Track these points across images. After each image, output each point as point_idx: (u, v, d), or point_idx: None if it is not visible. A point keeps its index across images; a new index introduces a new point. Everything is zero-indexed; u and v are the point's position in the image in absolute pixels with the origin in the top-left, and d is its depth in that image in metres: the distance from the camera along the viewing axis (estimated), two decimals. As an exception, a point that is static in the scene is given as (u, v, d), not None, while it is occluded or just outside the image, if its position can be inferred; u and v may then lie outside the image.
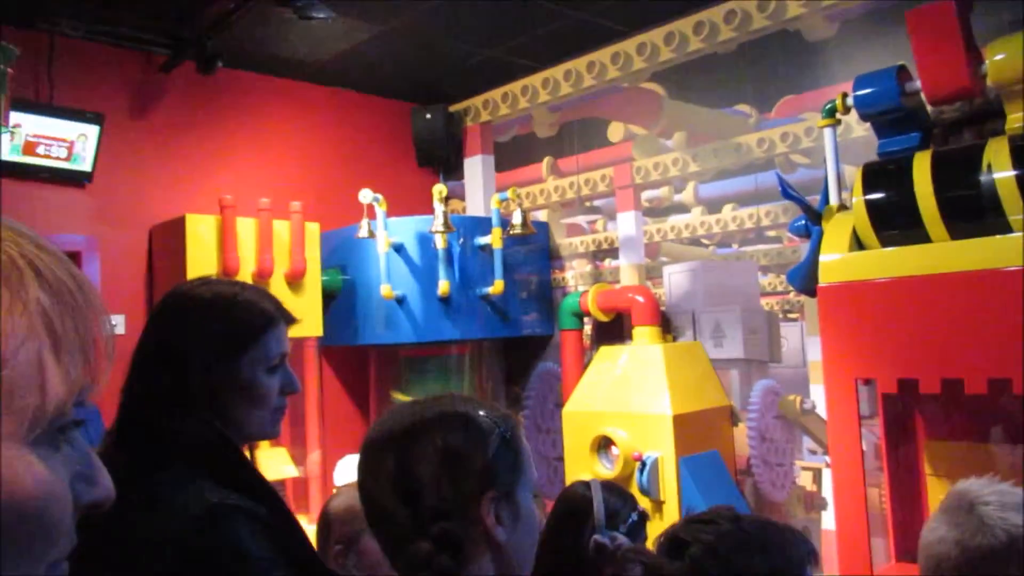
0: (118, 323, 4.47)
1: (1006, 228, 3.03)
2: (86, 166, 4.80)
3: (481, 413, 1.28)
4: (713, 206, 4.94)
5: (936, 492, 3.42)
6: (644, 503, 3.97)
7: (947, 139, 3.65)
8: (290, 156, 5.87)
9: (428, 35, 5.23)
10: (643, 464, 4.04)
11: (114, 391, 1.59)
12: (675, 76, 5.15)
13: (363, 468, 1.31)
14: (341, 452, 4.63)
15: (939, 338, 3.04)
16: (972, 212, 3.11)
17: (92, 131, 4.77)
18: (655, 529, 1.71)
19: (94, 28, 4.79)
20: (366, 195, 4.94)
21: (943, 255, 3.13)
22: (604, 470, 4.19)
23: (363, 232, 4.98)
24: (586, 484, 2.26)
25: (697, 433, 4.18)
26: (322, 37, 5.16)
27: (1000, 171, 3.03)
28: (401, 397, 5.14)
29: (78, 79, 4.84)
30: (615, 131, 5.53)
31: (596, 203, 5.66)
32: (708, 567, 1.42)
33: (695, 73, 5.03)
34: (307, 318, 5.04)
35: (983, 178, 3.07)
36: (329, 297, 5.36)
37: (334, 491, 2.77)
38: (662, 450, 4.07)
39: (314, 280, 5.18)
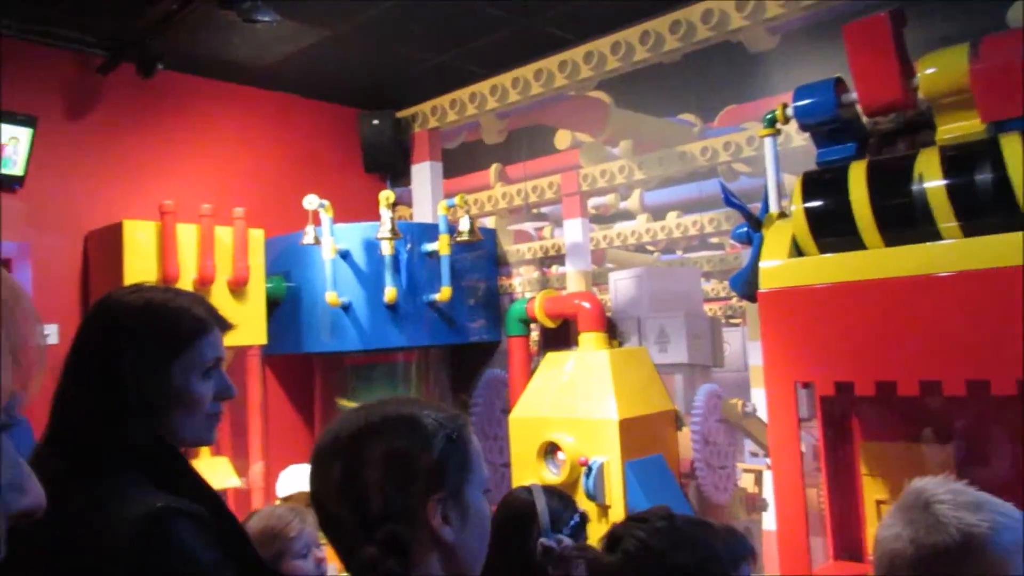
0: (51, 332, 4.33)
1: (937, 235, 3.14)
2: (17, 170, 4.65)
3: (427, 414, 1.29)
4: (658, 213, 5.01)
5: (871, 491, 3.51)
6: (590, 507, 4.01)
7: (882, 149, 3.77)
8: (234, 161, 5.78)
9: (376, 40, 5.21)
10: (589, 469, 4.06)
11: (45, 401, 1.55)
12: (622, 85, 5.22)
13: (313, 475, 1.31)
14: (285, 462, 4.56)
15: (874, 342, 3.12)
16: (905, 220, 3.21)
17: (24, 134, 4.63)
18: (601, 532, 1.74)
19: (28, 27, 4.66)
20: (311, 201, 4.89)
21: (877, 261, 3.22)
22: (551, 475, 4.20)
23: (308, 239, 4.93)
24: (528, 489, 2.30)
25: (642, 437, 4.22)
26: (267, 40, 5.10)
27: (931, 181, 3.14)
28: (347, 405, 5.09)
29: (10, 80, 4.69)
30: (562, 138, 5.57)
31: (543, 210, 5.69)
32: (640, 560, 1.50)
33: (641, 82, 5.10)
34: (250, 326, 4.95)
35: (915, 187, 3.18)
36: (274, 304, 5.28)
37: (254, 513, 2.73)
38: (608, 455, 4.10)
39: (258, 287, 5.10)
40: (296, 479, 4.15)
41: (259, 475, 5.13)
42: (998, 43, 3.19)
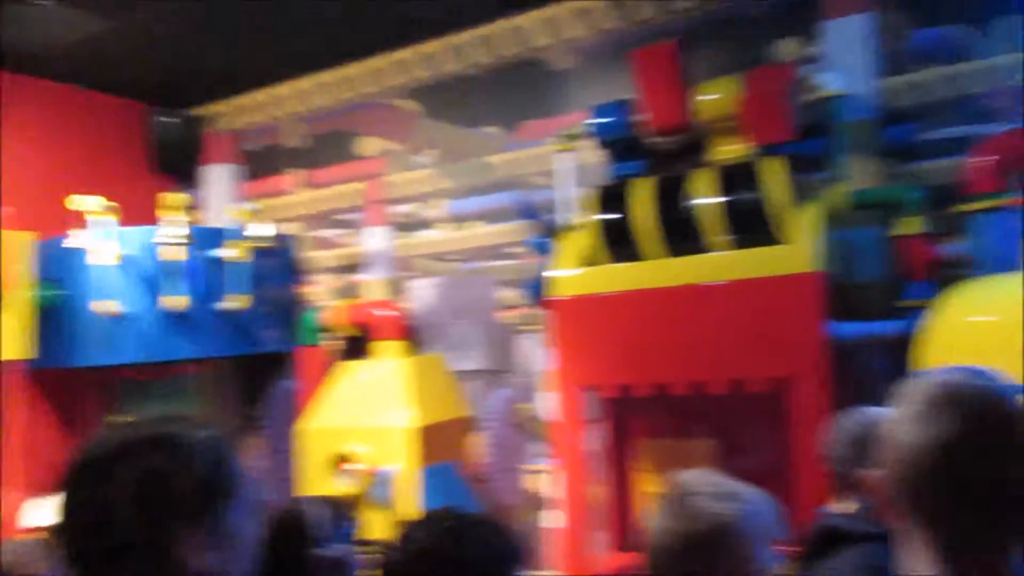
0: None
1: (708, 248, 3.39)
2: None
3: (187, 434, 1.19)
4: (461, 222, 5.07)
5: (646, 485, 3.72)
6: (383, 517, 3.96)
7: (665, 167, 4.03)
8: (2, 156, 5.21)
9: (171, 33, 4.89)
10: (381, 478, 4.02)
11: None
12: (430, 95, 5.24)
13: (60, 503, 1.17)
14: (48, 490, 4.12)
15: (652, 346, 3.32)
16: (683, 234, 3.44)
17: None
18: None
19: None
20: (79, 201, 4.43)
21: (656, 271, 3.43)
22: (343, 486, 4.10)
23: (76, 242, 4.46)
24: (298, 501, 2.28)
25: (439, 444, 4.23)
26: (47, 26, 4.65)
27: (705, 198, 3.39)
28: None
29: None
30: (368, 145, 5.51)
31: (347, 217, 5.59)
32: (425, 560, 1.54)
33: (449, 93, 5.15)
34: (9, 338, 4.48)
35: (691, 204, 3.42)
36: (46, 314, 4.78)
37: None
38: (403, 463, 4.07)
39: (21, 295, 4.61)
40: (47, 508, 3.78)
41: (16, 501, 4.61)
42: (765, 75, 3.50)
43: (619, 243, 3.58)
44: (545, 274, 3.82)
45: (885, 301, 3.43)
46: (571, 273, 3.65)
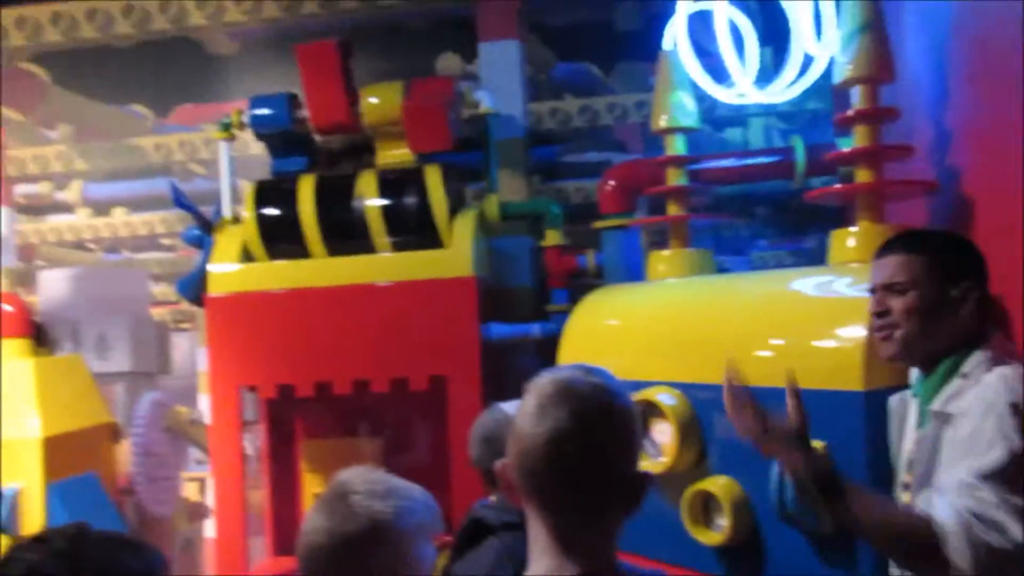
0: None
1: (372, 249, 3.48)
2: None
3: None
4: (102, 208, 4.60)
5: (312, 487, 3.71)
6: (5, 541, 3.47)
7: (331, 166, 4.04)
8: None
9: None
10: (2, 498, 3.52)
11: None
12: (63, 62, 4.66)
13: None
14: None
15: (314, 346, 3.32)
16: (346, 233, 3.48)
17: None
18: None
19: None
20: None
21: (320, 270, 3.44)
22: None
23: None
24: None
25: (73, 455, 3.80)
26: None
27: (369, 200, 3.47)
28: None
29: None
30: (-17, 112, 4.76)
31: (-46, 193, 4.77)
32: None
33: (87, 63, 4.63)
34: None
35: (355, 204, 3.47)
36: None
37: None
38: (27, 479, 3.60)
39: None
40: None
41: None
42: (426, 86, 3.67)
43: (280, 240, 3.52)
44: (201, 269, 3.63)
45: (534, 305, 3.82)
46: (229, 269, 3.51)
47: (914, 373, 1.79)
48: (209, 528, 4.20)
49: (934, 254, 1.68)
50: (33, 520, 3.59)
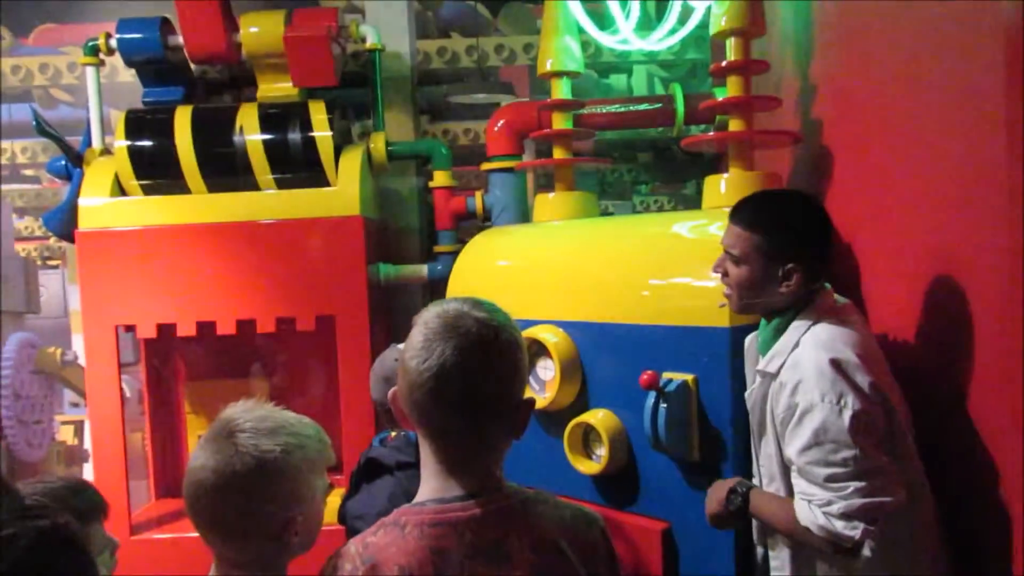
0: None
1: (255, 185, 3.39)
2: None
3: None
4: (-46, 136, 4.26)
5: (195, 429, 3.66)
6: None
7: (210, 98, 3.87)
8: None
9: None
10: None
11: None
12: (-100, -29, 4.23)
13: None
14: None
15: (195, 284, 3.24)
16: (226, 168, 3.37)
17: None
18: None
19: None
20: None
21: (200, 207, 3.33)
22: None
23: None
24: None
25: (-68, 399, 3.61)
26: None
27: (251, 134, 3.36)
28: None
29: None
30: None
31: None
32: None
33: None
34: None
35: (236, 139, 3.36)
36: None
37: None
38: None
39: None
40: None
41: None
42: (310, 16, 3.53)
43: (155, 174, 3.37)
44: (70, 202, 3.45)
45: (421, 246, 3.84)
46: (101, 203, 3.35)
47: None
48: (88, 472, 4.08)
49: (767, 233, 1.77)
50: None
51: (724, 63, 2.42)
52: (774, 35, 2.72)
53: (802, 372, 1.67)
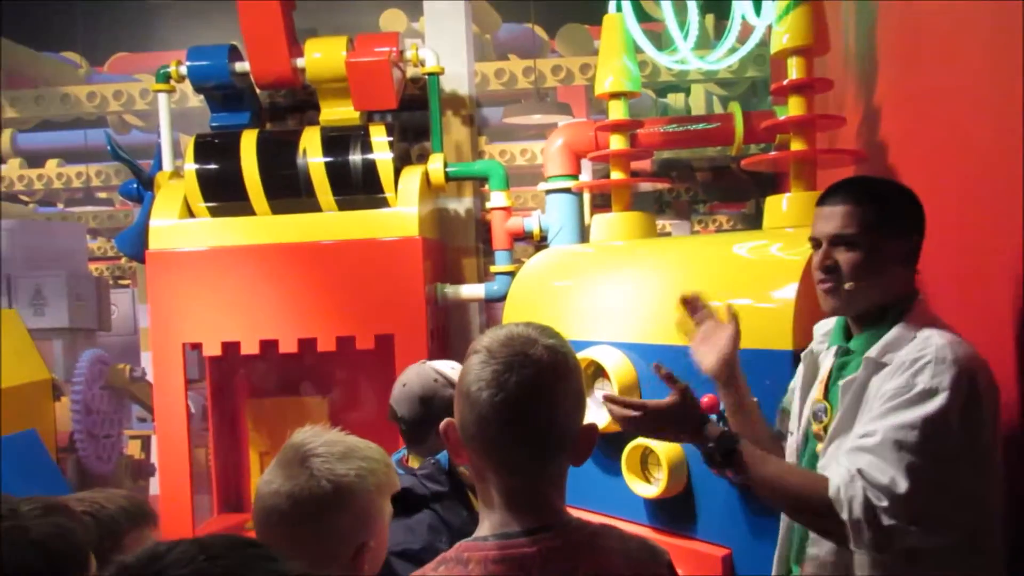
0: None
1: (317, 207, 3.46)
2: None
3: None
4: (35, 159, 4.46)
5: (256, 445, 3.74)
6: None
7: (275, 122, 3.98)
8: None
9: None
10: (-62, 455, 3.46)
11: None
12: (-12, 6, 4.46)
13: None
14: None
15: (259, 303, 3.32)
16: (290, 190, 3.46)
17: None
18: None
19: None
20: None
21: (264, 228, 3.42)
22: None
23: None
24: None
25: (10, 412, 3.74)
26: None
27: (313, 157, 3.44)
28: None
29: None
30: (-97, 56, 4.54)
31: None
32: None
33: (15, 6, 4.44)
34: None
35: (300, 161, 3.44)
36: None
37: None
38: (-37, 436, 3.54)
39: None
40: None
41: None
42: (371, 41, 3.61)
43: (222, 196, 3.48)
44: (141, 224, 3.57)
45: (478, 265, 3.87)
46: (170, 224, 3.46)
47: (822, 325, 1.82)
48: (154, 486, 4.20)
49: (884, 204, 1.60)
50: (-30, 478, 3.54)
51: (786, 82, 2.39)
52: (835, 51, 2.68)
53: (934, 354, 1.47)
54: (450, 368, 2.12)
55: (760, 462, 1.56)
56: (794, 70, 2.37)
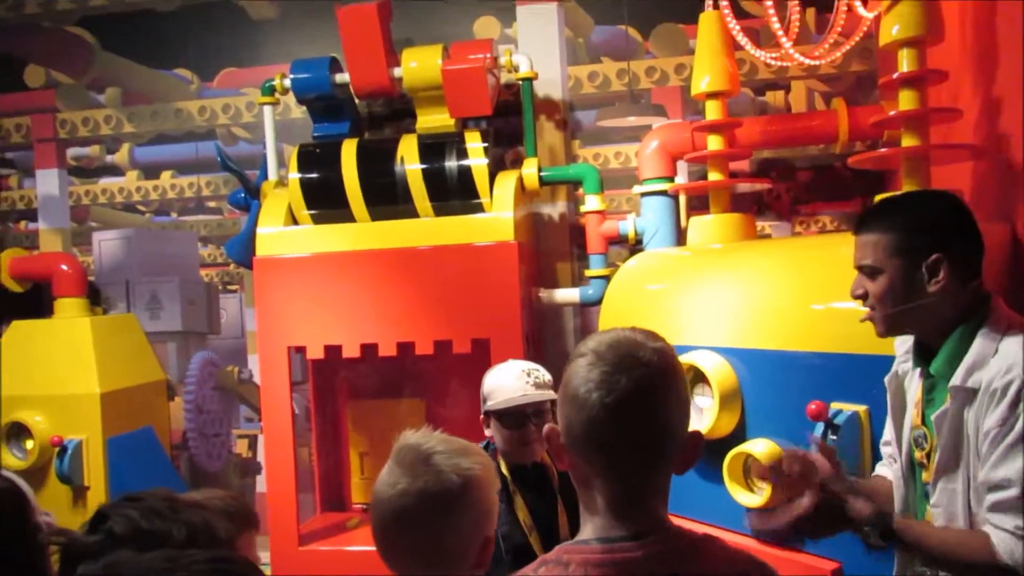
0: None
1: (415, 213, 3.53)
2: None
3: None
4: (150, 171, 4.70)
5: (357, 445, 3.83)
6: (65, 491, 3.67)
7: (373, 130, 4.08)
8: None
9: None
10: (63, 449, 3.69)
11: None
12: (108, 25, 4.73)
13: None
14: None
15: (359, 308, 3.40)
16: (388, 197, 3.54)
17: None
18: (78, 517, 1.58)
19: None
20: None
21: (364, 234, 3.50)
22: (16, 460, 3.72)
23: None
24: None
25: (129, 410, 3.96)
26: None
27: (410, 164, 3.51)
28: None
29: None
30: (33, 75, 4.86)
31: (9, 156, 4.91)
32: (126, 539, 1.29)
33: (132, 27, 4.69)
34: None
35: (397, 169, 3.52)
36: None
37: None
38: (88, 432, 3.76)
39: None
40: None
41: None
42: (466, 49, 3.65)
43: (324, 203, 3.59)
44: (249, 232, 3.72)
45: (573, 269, 3.87)
46: (276, 231, 3.59)
47: (903, 342, 1.77)
48: (260, 483, 4.36)
49: (896, 230, 1.61)
50: (93, 471, 3.77)
51: (896, 75, 2.29)
52: (948, 40, 2.55)
53: (1022, 374, 1.45)
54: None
55: (918, 537, 1.57)
56: (905, 62, 2.27)
